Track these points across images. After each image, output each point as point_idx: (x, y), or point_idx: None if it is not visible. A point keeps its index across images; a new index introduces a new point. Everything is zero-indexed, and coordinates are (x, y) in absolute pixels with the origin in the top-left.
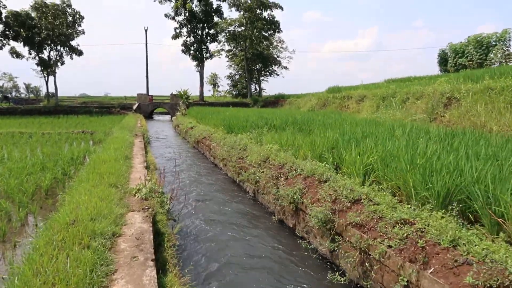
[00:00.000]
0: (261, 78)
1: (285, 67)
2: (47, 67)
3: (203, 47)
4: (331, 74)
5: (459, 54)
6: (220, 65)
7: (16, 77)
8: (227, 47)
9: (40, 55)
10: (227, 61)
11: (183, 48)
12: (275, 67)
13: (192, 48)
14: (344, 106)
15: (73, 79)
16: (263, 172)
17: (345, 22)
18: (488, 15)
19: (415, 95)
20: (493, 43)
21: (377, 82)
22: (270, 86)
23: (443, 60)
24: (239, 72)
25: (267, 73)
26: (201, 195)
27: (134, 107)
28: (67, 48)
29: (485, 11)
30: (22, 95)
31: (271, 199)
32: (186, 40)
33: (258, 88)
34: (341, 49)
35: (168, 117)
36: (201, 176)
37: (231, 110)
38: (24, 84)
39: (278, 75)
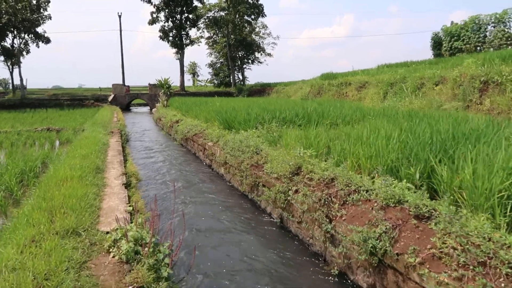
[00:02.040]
0: (244, 66)
1: (269, 54)
2: (11, 57)
3: (183, 33)
4: (310, 62)
5: (455, 37)
6: (200, 53)
7: None
8: (206, 34)
9: (2, 43)
10: (207, 49)
11: (161, 34)
12: (258, 54)
13: (171, 34)
14: (342, 93)
15: (46, 71)
16: (297, 191)
17: (322, 9)
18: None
19: (432, 80)
20: (492, 25)
21: (369, 68)
22: (250, 75)
23: (436, 44)
24: (221, 60)
25: (250, 61)
26: (202, 219)
27: (110, 98)
28: (32, 35)
29: None
30: None
31: (318, 235)
32: (164, 26)
33: (241, 77)
34: (319, 37)
35: (146, 108)
36: (198, 188)
37: (219, 100)
38: None
39: (261, 62)
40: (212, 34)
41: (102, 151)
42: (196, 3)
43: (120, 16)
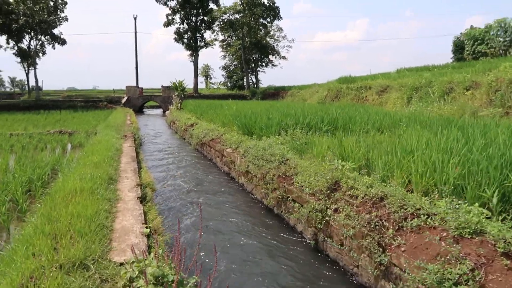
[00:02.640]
0: (258, 69)
1: (284, 57)
2: (27, 58)
3: (198, 35)
4: (322, 66)
5: (478, 41)
6: (213, 56)
7: (0, 71)
8: (221, 37)
9: (19, 45)
10: (221, 51)
11: (176, 36)
12: (272, 57)
13: (186, 36)
14: (361, 98)
15: (61, 73)
16: (337, 210)
17: (335, 13)
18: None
19: (462, 84)
20: None
21: (388, 72)
22: (263, 78)
23: (458, 48)
24: (234, 63)
25: (264, 64)
26: (224, 239)
27: (123, 100)
28: (49, 37)
29: (474, 2)
30: (7, 90)
31: (367, 265)
32: (179, 28)
33: (254, 80)
34: (332, 40)
35: (159, 111)
36: (217, 200)
37: (234, 104)
38: (9, 77)
39: (275, 65)
40: (226, 37)
41: (115, 158)
42: (211, 6)
43: (135, 19)
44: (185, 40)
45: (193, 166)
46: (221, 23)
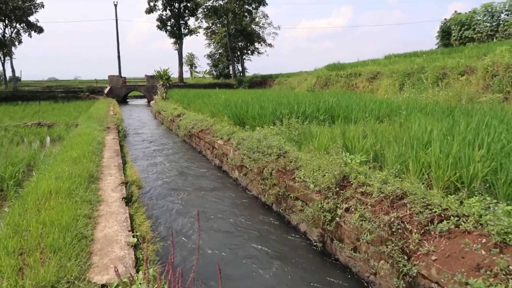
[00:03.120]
0: (244, 57)
1: (270, 45)
2: (2, 47)
3: (181, 22)
4: (308, 54)
5: (465, 26)
6: (197, 45)
7: None
8: (205, 24)
9: None
10: (206, 39)
11: (159, 23)
12: (258, 45)
13: (169, 24)
14: (351, 85)
15: (41, 63)
16: (349, 209)
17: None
18: None
19: (456, 69)
20: (505, 13)
21: (376, 58)
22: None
23: (445, 34)
24: (219, 51)
25: (250, 52)
26: (218, 241)
27: (106, 90)
28: (24, 24)
29: None
30: None
31: (386, 273)
32: (162, 15)
33: (241, 68)
34: (317, 27)
35: (144, 101)
36: (209, 197)
37: (222, 93)
38: None
39: (261, 53)
40: (210, 24)
41: (96, 152)
42: None
43: (116, 5)
44: (169, 28)
45: (182, 159)
46: (205, 9)
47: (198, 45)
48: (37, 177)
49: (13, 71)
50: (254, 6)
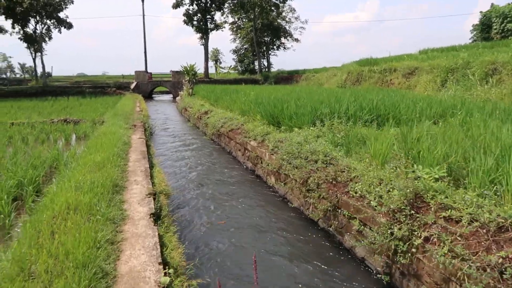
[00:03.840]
0: (269, 52)
1: (296, 39)
2: (33, 43)
3: (208, 16)
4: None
5: (508, 19)
6: (222, 40)
7: (10, 57)
8: (230, 19)
9: (24, 29)
10: (231, 34)
11: (185, 18)
12: (284, 40)
13: (195, 18)
14: (385, 81)
15: (71, 59)
16: (429, 239)
17: None
18: None
19: (510, 65)
20: None
21: (410, 53)
22: (273, 61)
23: (485, 26)
24: (245, 46)
25: (275, 47)
26: (263, 264)
27: (132, 86)
28: (54, 21)
29: None
30: (18, 76)
31: None
32: (189, 9)
33: (266, 63)
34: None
35: (169, 96)
36: (245, 208)
37: (250, 89)
38: (19, 64)
39: (287, 48)
40: (236, 19)
41: (122, 155)
42: None
43: (143, 1)
44: (195, 22)
45: (211, 162)
46: (231, 4)
47: (223, 41)
48: (56, 186)
49: (43, 66)
50: (281, 0)
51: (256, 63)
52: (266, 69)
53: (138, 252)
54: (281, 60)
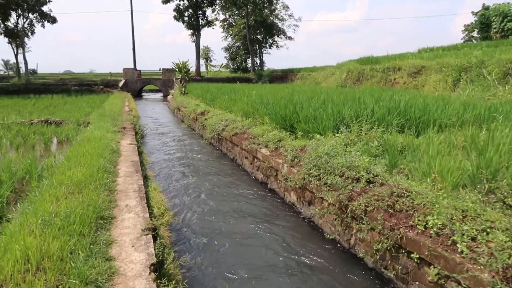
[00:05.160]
0: (262, 50)
1: (290, 38)
2: (15, 38)
3: (199, 12)
4: (321, 48)
5: (508, 17)
6: (212, 38)
7: None
8: (221, 16)
9: (5, 23)
10: (222, 32)
11: (176, 14)
12: (277, 38)
13: (186, 14)
14: (389, 80)
15: (58, 56)
16: None
17: None
18: None
19: None
20: None
21: (410, 51)
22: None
23: (483, 26)
24: (237, 44)
25: (268, 45)
26: None
27: (120, 84)
28: (37, 15)
29: None
30: (1, 73)
31: None
32: (179, 4)
33: (258, 62)
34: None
35: (159, 95)
36: (262, 233)
37: (248, 88)
38: (3, 60)
39: (280, 46)
40: (228, 16)
41: (109, 168)
42: None
43: None
44: (186, 18)
45: (214, 172)
46: (223, 0)
47: (213, 38)
48: (15, 224)
49: (25, 62)
50: None
51: (249, 61)
52: (259, 68)
53: None
54: (272, 58)
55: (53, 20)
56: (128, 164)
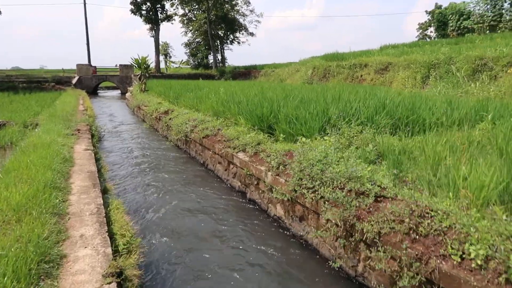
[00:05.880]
0: (224, 46)
1: (251, 34)
2: None
3: (158, 6)
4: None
5: (464, 16)
6: (171, 33)
7: None
8: (180, 11)
9: None
10: (182, 27)
11: (133, 7)
12: (238, 34)
13: (144, 7)
14: (355, 77)
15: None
16: None
17: None
18: None
19: (501, 61)
20: (508, 2)
21: (371, 49)
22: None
23: (441, 24)
24: (197, 40)
25: (229, 41)
26: None
27: (74, 81)
28: None
29: None
30: None
31: None
32: None
33: (220, 58)
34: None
35: (117, 92)
36: (253, 265)
37: (213, 84)
38: None
39: (240, 43)
40: (187, 11)
41: (59, 183)
42: None
43: None
44: (144, 12)
45: (183, 180)
46: None
47: (172, 34)
48: None
49: None
50: None
51: (210, 57)
52: (221, 64)
53: None
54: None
55: None
56: (84, 176)
